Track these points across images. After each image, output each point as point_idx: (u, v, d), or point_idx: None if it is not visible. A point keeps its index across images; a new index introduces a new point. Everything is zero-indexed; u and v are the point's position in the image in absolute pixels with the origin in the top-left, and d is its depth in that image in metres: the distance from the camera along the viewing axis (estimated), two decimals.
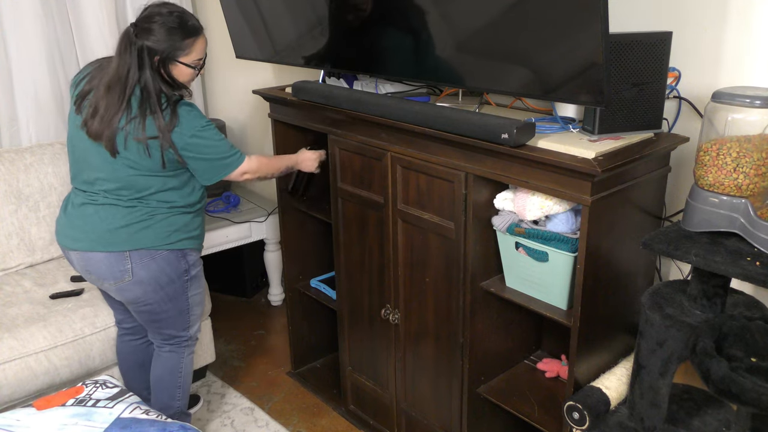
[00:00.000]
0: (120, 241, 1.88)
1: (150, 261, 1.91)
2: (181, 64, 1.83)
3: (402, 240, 1.95)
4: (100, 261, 1.90)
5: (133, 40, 1.77)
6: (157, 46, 1.77)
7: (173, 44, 1.79)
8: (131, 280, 1.91)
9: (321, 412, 2.50)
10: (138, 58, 1.77)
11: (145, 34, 1.77)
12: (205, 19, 3.23)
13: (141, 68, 1.77)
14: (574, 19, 1.40)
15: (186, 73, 1.86)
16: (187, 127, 1.81)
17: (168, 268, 1.95)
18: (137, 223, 1.89)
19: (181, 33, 1.80)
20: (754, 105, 1.30)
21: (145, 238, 1.89)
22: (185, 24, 1.82)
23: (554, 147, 1.52)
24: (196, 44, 1.84)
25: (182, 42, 1.80)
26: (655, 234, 1.45)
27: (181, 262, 1.98)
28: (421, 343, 2.00)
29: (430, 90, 2.15)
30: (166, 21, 1.78)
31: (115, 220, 1.88)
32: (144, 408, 1.71)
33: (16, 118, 2.74)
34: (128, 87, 1.78)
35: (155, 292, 1.96)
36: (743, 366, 1.25)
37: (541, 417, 1.80)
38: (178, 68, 1.83)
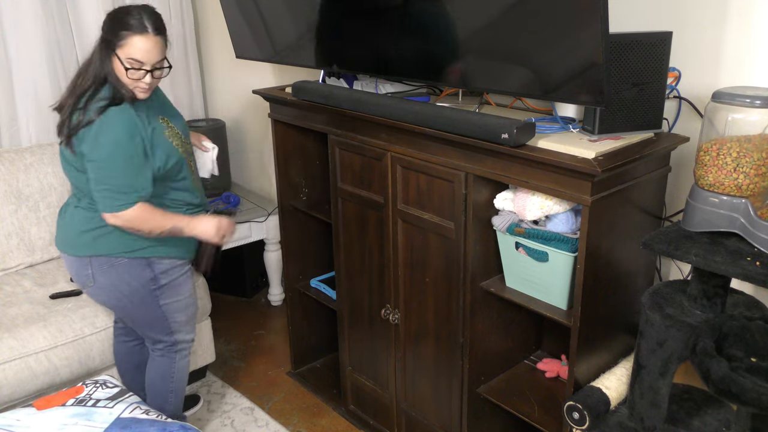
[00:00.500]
0: (82, 245, 1.88)
1: (109, 268, 1.88)
2: (116, 57, 1.76)
3: (402, 240, 1.95)
4: (70, 263, 1.94)
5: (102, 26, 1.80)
6: (104, 33, 1.78)
7: (114, 33, 1.75)
8: (93, 285, 1.92)
9: (321, 412, 2.50)
10: (99, 43, 1.80)
11: (107, 22, 1.79)
12: (205, 19, 3.24)
13: (100, 55, 1.79)
14: (574, 19, 1.40)
15: (119, 69, 1.77)
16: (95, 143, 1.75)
17: (128, 276, 1.89)
18: (97, 228, 1.85)
19: (121, 23, 1.75)
20: (754, 105, 1.30)
21: (104, 244, 1.86)
22: (128, 16, 1.76)
23: (554, 147, 1.52)
24: (133, 40, 1.74)
25: (119, 32, 1.75)
26: (655, 234, 1.45)
27: (145, 271, 1.90)
28: (421, 343, 2.00)
29: (430, 90, 2.15)
30: (119, 10, 1.79)
31: (80, 224, 1.88)
32: (144, 408, 1.71)
33: (16, 118, 2.74)
34: (84, 77, 1.80)
35: (118, 300, 1.94)
36: (743, 366, 1.25)
37: (541, 417, 1.80)
38: (115, 61, 1.77)
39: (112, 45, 1.76)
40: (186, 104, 3.23)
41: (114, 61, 1.77)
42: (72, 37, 2.80)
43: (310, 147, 2.45)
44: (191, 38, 3.18)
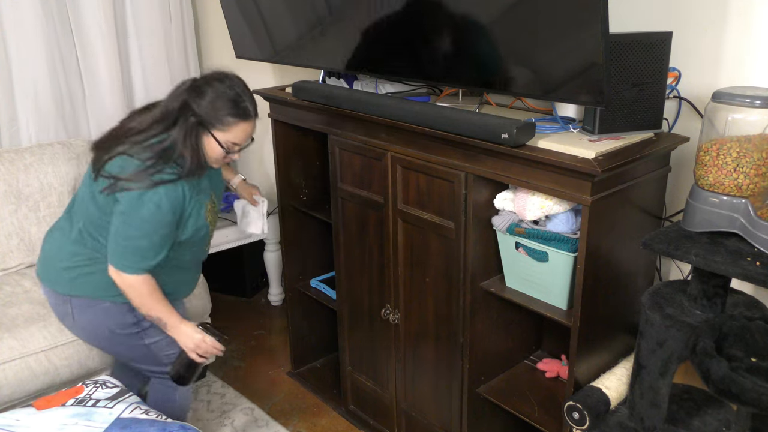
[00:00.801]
0: (63, 283, 1.81)
1: (89, 309, 1.81)
2: (213, 138, 1.70)
3: (402, 240, 1.95)
4: (48, 295, 1.88)
5: (183, 95, 1.70)
6: (198, 109, 1.68)
7: (215, 114, 1.68)
8: (72, 323, 1.86)
9: (321, 412, 2.50)
10: (177, 111, 1.69)
11: (195, 93, 1.69)
12: (205, 18, 3.24)
13: (173, 123, 1.69)
14: (574, 19, 1.40)
15: (215, 150, 1.72)
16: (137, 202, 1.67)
17: (109, 321, 1.81)
18: (80, 267, 1.79)
19: (229, 108, 1.68)
20: (754, 105, 1.30)
21: (86, 285, 1.79)
22: (237, 102, 1.69)
23: (554, 147, 1.52)
24: (238, 127, 1.70)
25: (225, 117, 1.68)
26: (655, 234, 1.45)
27: (127, 316, 1.82)
28: (421, 343, 2.00)
29: (430, 90, 2.15)
30: (222, 91, 1.69)
31: (63, 259, 1.81)
32: (144, 408, 1.71)
33: (16, 118, 2.73)
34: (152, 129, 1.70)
35: (99, 341, 1.87)
36: (743, 366, 1.25)
37: (541, 417, 1.80)
38: (210, 142, 1.71)
39: (208, 125, 1.68)
40: None
41: (206, 140, 1.71)
42: (72, 37, 2.80)
43: (310, 147, 2.45)
44: (191, 38, 3.18)
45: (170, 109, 1.71)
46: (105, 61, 2.87)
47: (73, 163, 2.67)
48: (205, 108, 1.68)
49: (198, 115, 1.68)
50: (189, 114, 1.68)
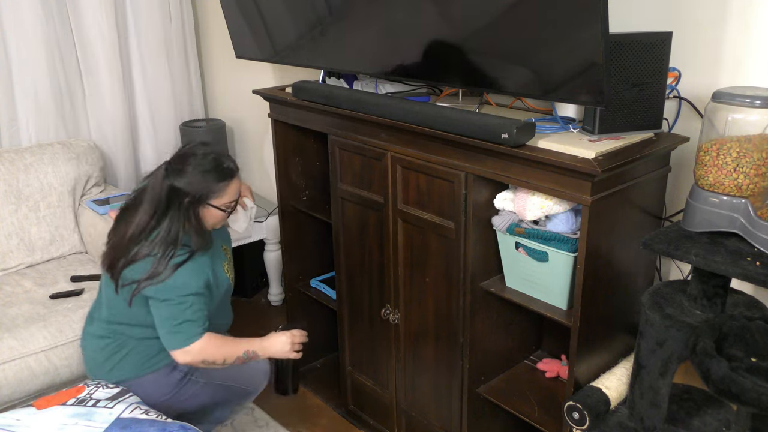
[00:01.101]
0: (108, 372, 1.83)
1: (138, 389, 1.80)
2: (212, 207, 1.74)
3: (402, 240, 1.95)
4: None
5: (164, 183, 1.70)
6: (188, 189, 1.69)
7: (206, 186, 1.71)
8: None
9: (321, 412, 2.50)
10: (166, 199, 1.69)
11: (176, 175, 1.70)
12: (205, 19, 3.24)
13: (167, 210, 1.70)
14: (574, 19, 1.40)
15: (216, 215, 1.76)
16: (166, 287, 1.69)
17: (160, 389, 1.82)
18: (113, 355, 1.81)
19: (215, 175, 1.72)
20: (754, 105, 1.30)
21: (124, 368, 1.81)
22: (220, 166, 1.73)
23: (554, 147, 1.52)
24: (230, 187, 1.75)
25: (216, 185, 1.72)
26: (655, 234, 1.45)
27: (172, 375, 1.83)
28: (421, 343, 2.00)
29: (430, 90, 2.15)
30: (201, 163, 1.71)
31: (98, 354, 1.84)
32: (144, 408, 1.71)
33: (16, 118, 2.74)
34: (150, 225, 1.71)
35: (166, 406, 1.83)
36: (743, 366, 1.25)
37: (541, 417, 1.80)
38: (209, 212, 1.74)
39: (204, 200, 1.72)
40: (186, 104, 3.24)
41: (205, 212, 1.74)
42: (72, 37, 2.80)
43: (310, 147, 2.45)
44: (191, 38, 3.18)
45: (159, 200, 1.71)
46: (105, 61, 2.87)
47: (73, 163, 2.68)
48: (194, 185, 1.70)
49: (189, 195, 1.70)
50: (181, 197, 1.70)
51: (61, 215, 2.64)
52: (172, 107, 3.17)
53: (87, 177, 2.73)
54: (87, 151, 2.75)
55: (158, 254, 1.69)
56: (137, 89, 3.08)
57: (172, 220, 1.70)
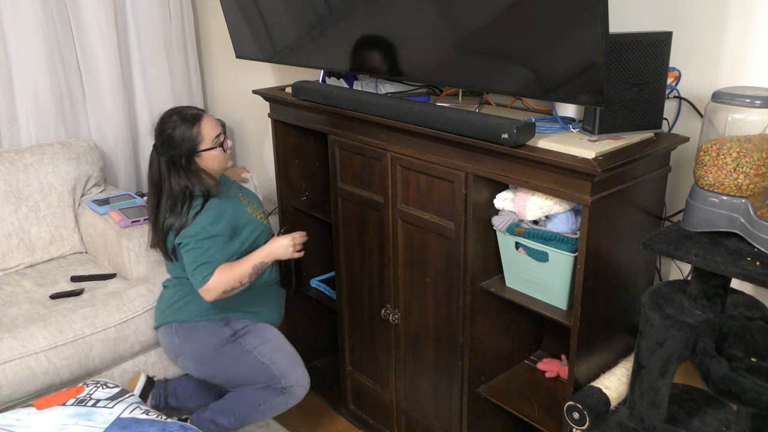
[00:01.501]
0: (168, 315, 2.09)
1: (191, 333, 2.03)
2: (204, 153, 1.94)
3: (402, 240, 1.95)
4: (162, 338, 2.13)
5: (159, 158, 1.95)
6: (178, 151, 1.92)
7: (187, 139, 1.91)
8: (183, 355, 2.04)
9: (321, 412, 2.50)
10: (168, 168, 1.93)
11: (165, 147, 1.94)
12: (205, 19, 3.24)
13: (174, 174, 1.93)
14: (574, 19, 1.40)
15: (213, 156, 1.97)
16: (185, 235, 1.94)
17: (209, 337, 2.02)
18: (179, 300, 2.07)
19: (187, 125, 1.92)
20: (754, 105, 1.30)
21: (184, 310, 2.05)
22: (186, 117, 1.93)
23: (554, 147, 1.52)
24: (204, 127, 1.95)
25: (191, 132, 1.92)
26: (655, 234, 1.45)
27: (224, 329, 2.03)
28: (421, 343, 2.00)
29: (430, 90, 2.15)
30: (172, 124, 1.93)
31: (166, 300, 2.12)
32: (144, 408, 1.71)
33: (16, 118, 2.73)
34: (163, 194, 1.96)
35: (209, 364, 2.02)
36: (743, 366, 1.25)
37: (541, 417, 1.80)
38: (205, 157, 1.95)
39: (194, 151, 1.94)
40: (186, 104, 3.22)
41: (201, 159, 1.96)
42: (72, 37, 2.80)
43: (310, 147, 2.45)
44: (191, 38, 3.18)
45: (160, 175, 1.97)
46: (105, 61, 2.87)
47: (73, 163, 2.68)
48: (178, 144, 1.92)
49: (182, 153, 1.93)
50: (175, 159, 1.93)
51: (61, 215, 2.64)
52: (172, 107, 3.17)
53: (87, 177, 2.73)
54: (87, 151, 2.75)
55: (179, 210, 1.93)
56: (137, 89, 3.08)
57: (174, 180, 1.93)
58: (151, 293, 2.33)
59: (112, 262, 2.54)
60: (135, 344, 2.28)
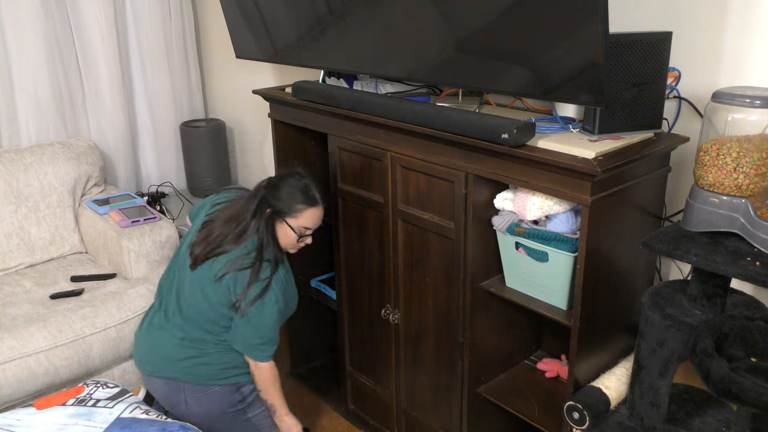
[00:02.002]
0: (177, 371, 1.91)
1: (202, 396, 1.92)
2: (286, 225, 1.87)
3: (402, 240, 1.95)
4: (158, 386, 1.96)
5: (261, 192, 1.88)
6: (274, 201, 1.86)
7: (288, 203, 1.85)
8: (185, 410, 1.95)
9: (321, 412, 2.50)
10: (257, 206, 1.86)
11: (271, 190, 1.87)
12: (205, 19, 3.24)
13: (256, 215, 1.85)
14: (574, 19, 1.40)
15: (289, 235, 1.88)
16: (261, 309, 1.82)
17: (221, 403, 1.95)
18: (193, 358, 1.90)
19: (299, 197, 1.86)
20: (754, 105, 1.30)
21: (200, 373, 1.91)
22: (307, 191, 1.88)
23: (554, 147, 1.52)
24: (308, 212, 1.87)
25: (297, 204, 1.85)
26: (655, 234, 1.45)
27: (235, 395, 1.96)
28: (421, 343, 2.00)
29: (430, 90, 2.15)
30: (292, 184, 1.87)
31: (174, 352, 1.91)
32: (144, 408, 1.71)
33: (16, 118, 2.74)
34: (243, 227, 1.86)
35: (210, 422, 1.97)
36: (743, 366, 1.25)
37: (541, 417, 1.80)
38: (284, 228, 1.87)
39: (282, 214, 1.86)
40: (186, 104, 3.24)
41: (282, 228, 1.87)
42: (72, 37, 2.80)
43: (310, 147, 2.45)
44: (191, 38, 3.18)
45: (248, 208, 1.87)
46: (105, 61, 2.87)
47: (73, 163, 2.68)
48: (279, 200, 1.86)
49: (273, 206, 1.86)
50: (265, 207, 1.86)
51: (61, 215, 2.64)
52: (172, 107, 3.17)
53: (87, 177, 2.73)
54: (87, 151, 2.75)
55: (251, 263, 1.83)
56: (137, 89, 3.08)
57: (261, 227, 1.85)
58: (151, 293, 2.33)
59: (112, 262, 2.54)
60: None
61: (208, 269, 1.85)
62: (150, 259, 2.46)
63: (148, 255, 2.45)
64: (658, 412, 1.45)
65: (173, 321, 1.91)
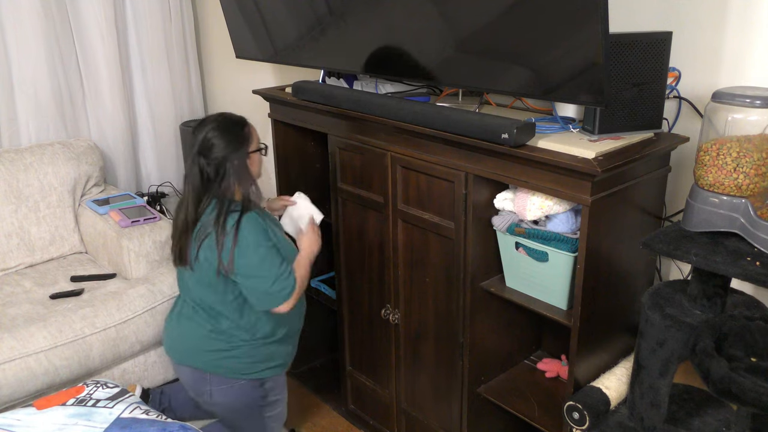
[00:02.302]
0: (206, 362, 1.92)
1: (228, 389, 1.94)
2: (252, 154, 1.86)
3: (402, 240, 1.95)
4: (186, 374, 1.98)
5: (202, 162, 1.81)
6: (227, 153, 1.80)
7: (235, 141, 1.82)
8: (209, 401, 1.97)
9: (321, 412, 2.50)
10: (215, 173, 1.81)
11: (208, 152, 1.81)
12: (205, 19, 3.24)
13: (216, 180, 1.81)
14: (574, 19, 1.40)
15: (256, 158, 1.88)
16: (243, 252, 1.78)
17: (243, 397, 1.96)
18: (221, 351, 1.91)
19: (234, 128, 1.84)
20: (754, 105, 1.30)
21: (228, 366, 1.91)
22: (232, 120, 1.86)
23: (554, 147, 1.52)
24: (251, 130, 1.88)
25: (240, 134, 1.83)
26: (655, 234, 1.45)
27: (258, 390, 1.98)
28: (421, 343, 2.00)
29: (430, 90, 2.15)
30: (216, 129, 1.82)
31: (202, 343, 1.91)
32: (144, 408, 1.71)
33: (16, 118, 2.74)
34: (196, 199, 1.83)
35: (229, 414, 2.00)
36: (743, 366, 1.25)
37: (541, 417, 1.80)
38: (252, 159, 1.86)
39: (245, 146, 1.83)
40: (186, 104, 3.24)
41: (250, 161, 1.85)
42: (72, 37, 2.80)
43: (309, 147, 2.45)
44: (191, 38, 3.18)
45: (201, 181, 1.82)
46: (105, 61, 2.87)
47: (73, 163, 2.68)
48: (230, 146, 1.81)
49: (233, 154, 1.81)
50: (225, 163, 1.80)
51: (61, 215, 2.64)
52: (172, 107, 3.17)
53: (87, 177, 2.73)
54: (87, 151, 2.75)
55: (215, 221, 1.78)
56: (137, 89, 3.08)
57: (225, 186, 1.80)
58: (151, 293, 2.33)
59: (112, 262, 2.54)
60: (135, 344, 2.28)
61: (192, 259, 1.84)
62: (150, 259, 2.46)
63: (148, 255, 2.45)
64: (658, 412, 1.45)
65: (200, 314, 1.91)
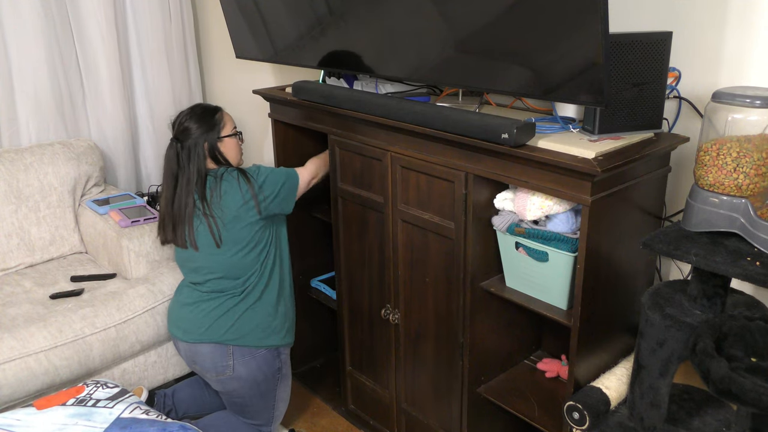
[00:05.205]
0: (225, 332, 2.02)
1: (250, 360, 2.04)
2: (226, 138, 2.06)
3: (402, 240, 1.95)
4: (207, 352, 2.04)
5: (178, 146, 2.00)
6: (201, 137, 2.01)
7: (210, 125, 2.03)
8: (231, 375, 2.03)
9: (321, 412, 2.49)
10: (188, 157, 1.99)
11: (185, 137, 2.00)
12: (205, 19, 3.24)
13: (190, 162, 1.99)
14: (574, 19, 1.40)
15: (233, 143, 2.09)
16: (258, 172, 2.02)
17: (265, 367, 2.07)
18: (231, 310, 2.02)
19: (209, 113, 2.05)
20: (754, 105, 1.30)
21: (249, 337, 2.03)
22: (204, 107, 2.07)
23: (554, 147, 1.52)
24: (224, 116, 2.09)
25: (213, 119, 2.04)
26: (655, 234, 1.45)
27: (275, 360, 2.10)
28: (421, 343, 2.00)
29: (430, 90, 2.15)
30: (193, 115, 2.03)
31: (214, 310, 2.03)
32: (144, 408, 1.71)
33: (16, 118, 2.73)
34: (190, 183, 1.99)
35: (249, 388, 2.06)
36: (743, 366, 1.25)
37: (541, 417, 1.80)
38: (225, 143, 2.06)
39: (216, 134, 2.04)
40: (186, 104, 3.22)
41: (224, 145, 2.06)
42: (72, 37, 2.80)
43: (310, 147, 2.45)
44: (191, 38, 3.18)
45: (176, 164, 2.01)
46: (105, 61, 2.87)
47: (73, 163, 2.68)
48: (202, 131, 2.02)
49: (204, 138, 2.02)
50: (199, 146, 2.01)
51: (61, 215, 2.64)
52: (172, 107, 3.17)
53: (87, 177, 2.73)
54: (87, 151, 2.75)
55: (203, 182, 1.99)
56: (137, 89, 3.08)
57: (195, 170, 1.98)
58: (151, 293, 2.33)
59: (112, 262, 2.54)
60: (135, 344, 2.28)
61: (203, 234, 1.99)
62: (150, 259, 2.46)
63: (148, 255, 2.45)
64: (658, 412, 1.45)
65: (223, 284, 2.03)
